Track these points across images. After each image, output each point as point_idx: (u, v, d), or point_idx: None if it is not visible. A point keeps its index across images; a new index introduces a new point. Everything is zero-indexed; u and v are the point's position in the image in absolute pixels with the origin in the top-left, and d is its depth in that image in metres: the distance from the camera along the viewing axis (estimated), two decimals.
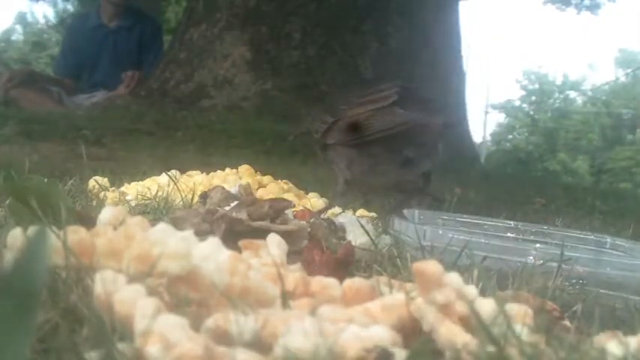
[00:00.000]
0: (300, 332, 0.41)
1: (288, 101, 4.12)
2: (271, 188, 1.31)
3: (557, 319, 0.57)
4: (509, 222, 1.17)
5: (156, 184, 1.29)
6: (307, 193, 1.35)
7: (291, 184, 1.37)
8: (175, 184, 1.23)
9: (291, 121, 3.85)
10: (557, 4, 11.11)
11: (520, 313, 0.49)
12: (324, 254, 0.70)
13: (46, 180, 0.90)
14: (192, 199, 1.16)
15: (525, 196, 2.74)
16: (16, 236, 0.52)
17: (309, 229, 0.85)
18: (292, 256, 0.65)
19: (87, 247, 0.50)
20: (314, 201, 1.29)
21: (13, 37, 28.72)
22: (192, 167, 1.46)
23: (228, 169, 1.44)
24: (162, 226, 0.50)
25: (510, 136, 35.38)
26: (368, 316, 0.46)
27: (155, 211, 1.08)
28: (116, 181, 1.35)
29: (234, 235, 0.75)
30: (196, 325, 0.42)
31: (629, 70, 32.25)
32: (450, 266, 0.69)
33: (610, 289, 0.79)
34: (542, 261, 0.81)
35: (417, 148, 1.08)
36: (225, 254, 0.49)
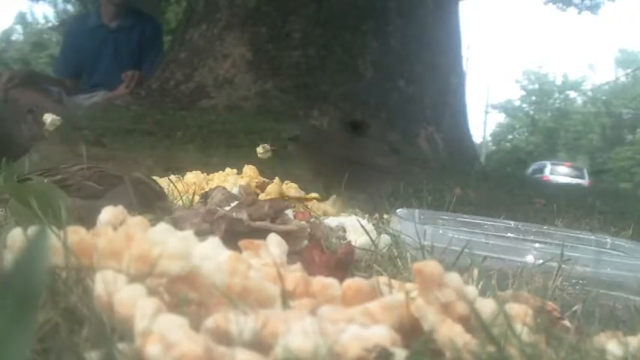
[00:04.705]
0: (300, 332, 0.41)
1: (288, 101, 4.12)
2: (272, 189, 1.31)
3: (557, 319, 0.57)
4: (509, 222, 1.17)
5: None
6: (307, 194, 1.35)
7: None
8: (176, 186, 1.23)
9: (291, 121, 3.85)
10: (558, 3, 11.11)
11: (520, 313, 0.49)
12: (324, 254, 0.70)
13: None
14: (192, 199, 1.16)
15: (525, 196, 2.74)
16: (16, 236, 0.52)
17: (309, 230, 0.85)
18: (292, 256, 0.65)
19: (87, 247, 0.50)
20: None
21: (13, 37, 28.75)
22: (193, 167, 1.46)
23: (228, 169, 1.44)
24: (163, 226, 0.50)
25: (510, 136, 35.41)
26: (368, 316, 0.46)
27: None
28: None
29: (235, 235, 0.75)
30: (196, 325, 0.42)
31: (629, 70, 32.27)
32: (450, 266, 0.69)
33: (610, 289, 0.79)
34: (542, 261, 0.81)
35: None
36: (225, 254, 0.49)
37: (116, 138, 2.94)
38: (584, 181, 13.25)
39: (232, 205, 0.91)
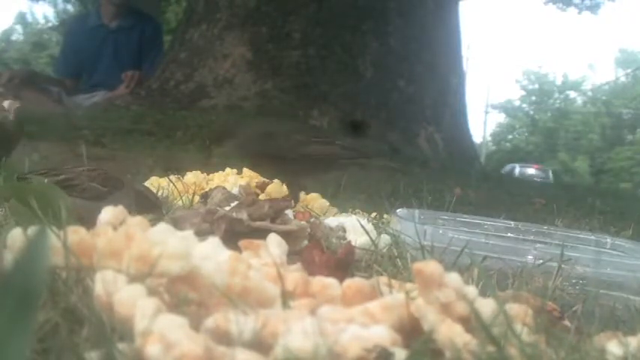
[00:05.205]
0: (300, 332, 0.41)
1: (288, 101, 4.12)
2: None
3: (557, 319, 0.57)
4: (509, 222, 1.17)
5: (156, 184, 1.29)
6: (307, 194, 1.34)
7: None
8: (176, 186, 1.24)
9: (291, 121, 3.85)
10: (558, 3, 11.12)
11: (520, 313, 0.49)
12: (324, 254, 0.70)
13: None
14: (192, 199, 1.16)
15: (525, 196, 2.74)
16: (16, 236, 0.52)
17: (309, 230, 0.85)
18: (292, 256, 0.65)
19: (87, 247, 0.50)
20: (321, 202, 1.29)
21: (13, 37, 28.81)
22: (193, 167, 1.46)
23: (228, 169, 1.44)
24: (163, 226, 0.50)
25: (510, 136, 35.45)
26: (368, 316, 0.46)
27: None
28: None
29: (235, 235, 0.75)
30: (196, 325, 0.42)
31: (629, 70, 32.31)
32: (450, 266, 0.69)
33: (610, 289, 0.79)
34: (542, 261, 0.81)
35: None
36: (225, 254, 0.49)
37: (116, 138, 2.94)
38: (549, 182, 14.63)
39: (232, 205, 0.91)
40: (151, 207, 0.97)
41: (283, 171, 1.30)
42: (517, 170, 17.24)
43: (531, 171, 17.85)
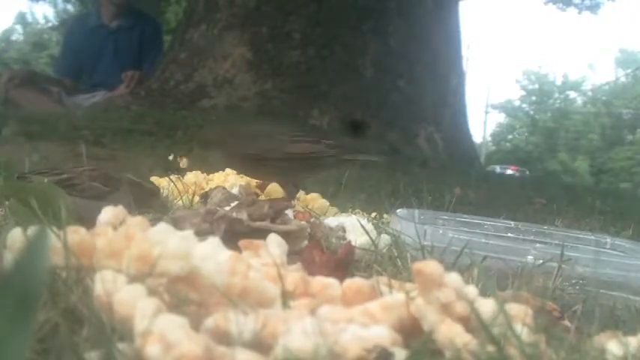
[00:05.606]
0: (300, 332, 0.41)
1: (288, 101, 4.12)
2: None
3: (557, 319, 0.57)
4: (509, 222, 1.17)
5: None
6: (308, 194, 1.35)
7: None
8: (176, 186, 1.24)
9: (291, 121, 3.85)
10: (558, 3, 11.13)
11: (520, 313, 0.49)
12: (324, 254, 0.70)
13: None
14: (192, 199, 1.16)
15: (525, 196, 2.74)
16: (16, 236, 0.52)
17: (309, 230, 0.85)
18: (292, 256, 0.65)
19: (87, 247, 0.50)
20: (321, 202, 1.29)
21: (13, 37, 28.82)
22: (193, 167, 1.46)
23: (228, 169, 1.43)
24: (163, 226, 0.50)
25: (510, 136, 35.48)
26: (368, 316, 0.46)
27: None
28: None
29: (235, 235, 0.75)
30: (196, 325, 0.42)
31: (629, 70, 32.31)
32: (450, 266, 0.69)
33: (610, 289, 0.79)
34: (542, 261, 0.81)
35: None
36: (225, 254, 0.49)
37: (116, 138, 2.94)
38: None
39: (232, 205, 0.91)
40: (149, 196, 0.97)
41: (267, 172, 1.30)
42: (497, 171, 17.72)
43: (510, 172, 18.47)
